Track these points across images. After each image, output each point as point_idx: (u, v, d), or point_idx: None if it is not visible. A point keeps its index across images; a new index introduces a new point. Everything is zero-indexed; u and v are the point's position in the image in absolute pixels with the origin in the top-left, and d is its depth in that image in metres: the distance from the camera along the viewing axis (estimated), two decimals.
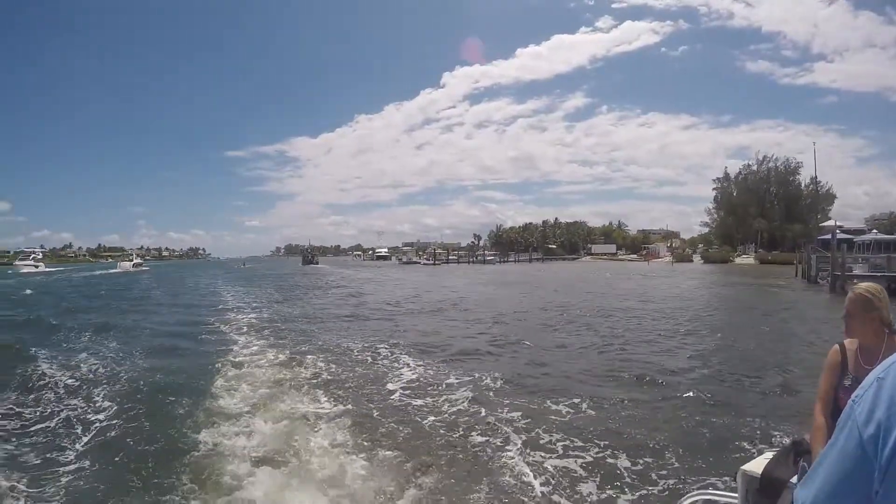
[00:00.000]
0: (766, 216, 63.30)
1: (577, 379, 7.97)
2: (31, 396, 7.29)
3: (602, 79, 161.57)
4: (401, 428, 5.80)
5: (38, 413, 6.57)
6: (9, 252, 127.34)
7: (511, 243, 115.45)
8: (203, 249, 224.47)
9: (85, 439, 5.62)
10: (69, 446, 5.40)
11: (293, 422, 5.96)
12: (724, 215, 69.77)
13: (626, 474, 4.60)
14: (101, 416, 6.33)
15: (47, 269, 73.97)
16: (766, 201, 65.55)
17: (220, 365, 8.94)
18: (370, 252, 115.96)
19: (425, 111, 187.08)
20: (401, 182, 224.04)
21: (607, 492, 4.31)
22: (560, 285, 30.29)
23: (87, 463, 4.98)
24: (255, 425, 5.79)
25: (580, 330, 13.01)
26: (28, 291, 29.01)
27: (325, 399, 6.92)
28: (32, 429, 5.99)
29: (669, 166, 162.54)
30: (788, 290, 25.31)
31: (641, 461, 4.81)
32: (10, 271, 68.59)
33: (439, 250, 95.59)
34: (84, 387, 7.70)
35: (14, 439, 5.63)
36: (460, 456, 5.08)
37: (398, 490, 4.32)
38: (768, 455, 2.29)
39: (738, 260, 59.55)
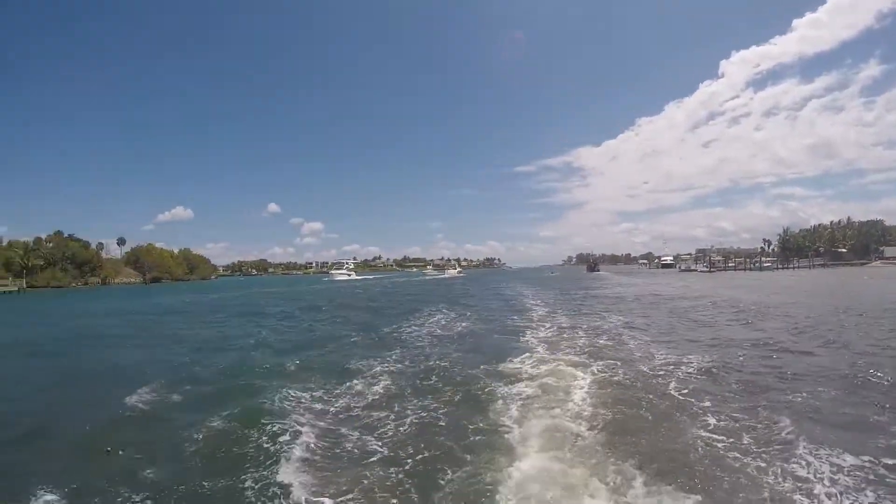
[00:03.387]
0: None
1: None
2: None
3: None
4: None
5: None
6: (327, 263, 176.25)
7: (798, 248, 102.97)
8: (498, 259, 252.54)
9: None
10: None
11: None
12: None
13: None
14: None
15: (357, 277, 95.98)
16: None
17: None
18: (656, 261, 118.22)
19: (707, 105, 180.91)
20: (690, 184, 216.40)
21: None
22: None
23: None
24: None
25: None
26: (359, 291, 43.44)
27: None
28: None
29: None
30: None
31: None
32: (325, 279, 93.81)
33: (717, 258, 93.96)
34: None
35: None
36: None
37: None
38: None
39: None
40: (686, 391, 7.33)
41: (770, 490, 4.36)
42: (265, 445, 5.69)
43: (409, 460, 5.24)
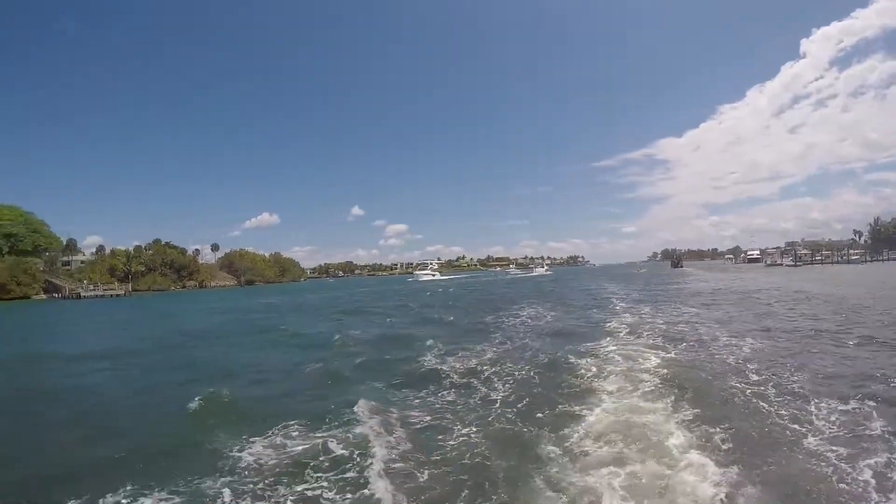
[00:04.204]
0: None
1: None
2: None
3: None
4: None
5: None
6: (411, 264, 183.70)
7: (891, 238, 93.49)
8: (582, 257, 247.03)
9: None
10: None
11: None
12: None
13: None
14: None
15: (442, 277, 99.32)
16: None
17: None
18: (742, 255, 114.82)
19: (790, 88, 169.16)
20: (777, 173, 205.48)
21: None
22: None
23: None
24: None
25: None
26: (427, 293, 45.47)
27: None
28: None
29: None
30: None
31: None
32: (409, 279, 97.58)
33: (803, 251, 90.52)
34: None
35: None
36: None
37: None
38: None
39: None
40: (756, 378, 7.77)
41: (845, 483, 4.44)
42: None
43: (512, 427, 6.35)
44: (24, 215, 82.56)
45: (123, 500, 4.81)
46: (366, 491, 4.76)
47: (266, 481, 5.07)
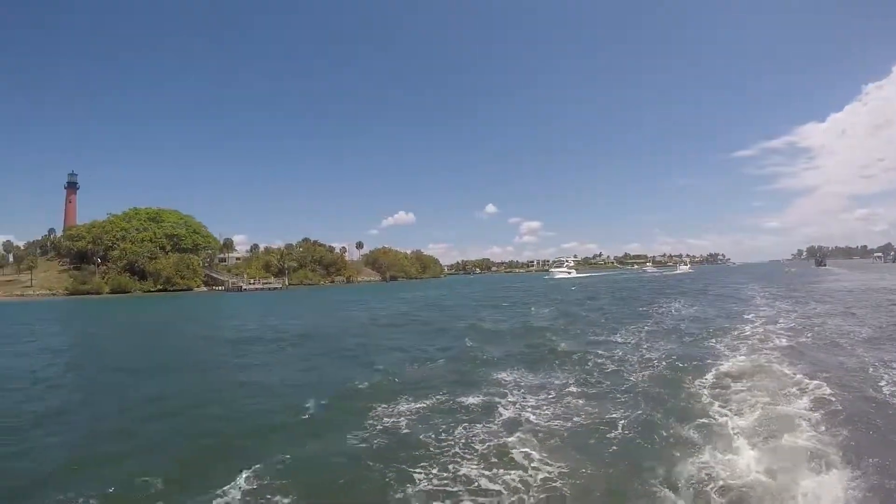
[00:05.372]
0: None
1: None
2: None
3: None
4: None
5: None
6: (548, 261, 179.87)
7: None
8: (722, 255, 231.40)
9: None
10: None
11: None
12: None
13: None
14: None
15: (580, 275, 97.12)
16: None
17: None
18: (892, 254, 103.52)
19: None
20: None
21: None
22: None
23: None
24: None
25: None
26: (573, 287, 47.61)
27: None
28: None
29: None
30: None
31: None
32: (545, 276, 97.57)
33: None
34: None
35: None
36: None
37: None
38: None
39: None
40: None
41: None
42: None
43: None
44: (185, 218, 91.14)
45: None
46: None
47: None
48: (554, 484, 4.82)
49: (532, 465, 5.24)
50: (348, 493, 4.92)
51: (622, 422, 6.46)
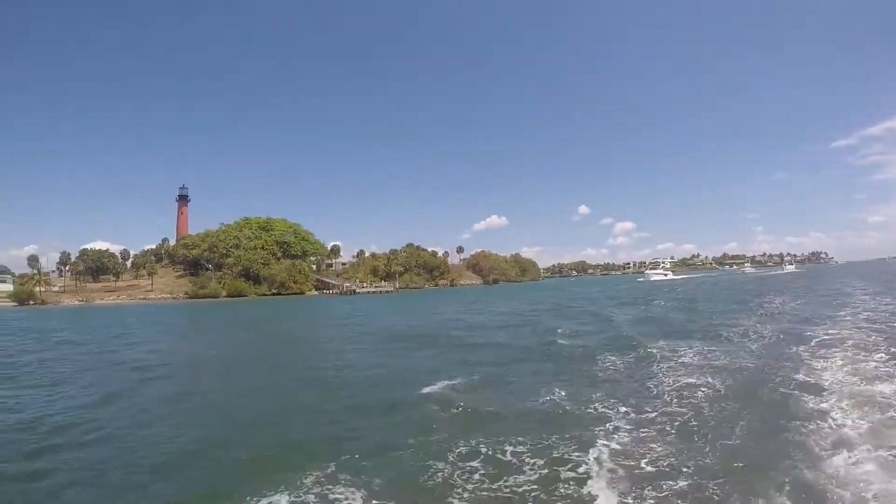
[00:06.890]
0: None
1: None
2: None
3: None
4: None
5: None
6: (644, 262, 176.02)
7: None
8: (825, 253, 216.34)
9: None
10: None
11: None
12: None
13: None
14: None
15: (677, 277, 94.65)
16: None
17: None
18: None
19: None
20: None
21: None
22: None
23: None
24: None
25: None
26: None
27: None
28: None
29: None
30: None
31: None
32: (640, 279, 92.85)
33: None
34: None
35: None
36: None
37: None
38: None
39: None
40: None
41: None
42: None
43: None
44: (293, 226, 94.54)
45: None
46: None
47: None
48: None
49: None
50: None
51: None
